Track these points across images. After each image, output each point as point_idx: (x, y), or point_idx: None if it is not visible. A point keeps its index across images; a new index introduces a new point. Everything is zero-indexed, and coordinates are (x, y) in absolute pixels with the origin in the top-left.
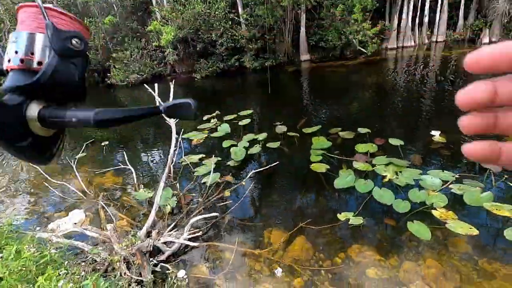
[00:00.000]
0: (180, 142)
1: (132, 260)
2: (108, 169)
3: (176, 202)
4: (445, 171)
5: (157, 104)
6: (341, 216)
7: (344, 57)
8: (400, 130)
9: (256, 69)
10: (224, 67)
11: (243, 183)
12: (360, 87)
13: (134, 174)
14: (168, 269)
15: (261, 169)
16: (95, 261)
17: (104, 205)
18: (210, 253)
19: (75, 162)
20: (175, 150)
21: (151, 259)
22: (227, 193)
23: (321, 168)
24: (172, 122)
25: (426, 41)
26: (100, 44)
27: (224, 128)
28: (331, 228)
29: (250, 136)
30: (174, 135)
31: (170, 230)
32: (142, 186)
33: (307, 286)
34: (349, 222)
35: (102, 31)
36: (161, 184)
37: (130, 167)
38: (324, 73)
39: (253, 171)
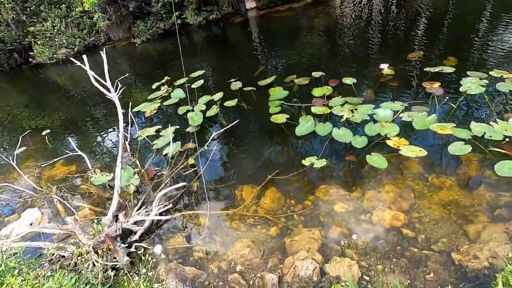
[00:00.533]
0: (131, 116)
1: (103, 248)
2: (56, 159)
3: (139, 179)
4: (395, 101)
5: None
6: (306, 162)
7: (291, 0)
8: (352, 68)
9: (201, 24)
10: (165, 26)
11: (206, 147)
12: (310, 30)
13: (87, 159)
14: (144, 247)
15: (222, 130)
16: (63, 257)
17: (60, 198)
18: (185, 222)
19: (15, 159)
20: (125, 126)
21: (122, 242)
22: (191, 160)
23: (281, 118)
24: (114, 96)
25: None
26: (10, 17)
27: (178, 94)
28: (298, 174)
29: (206, 98)
30: (119, 110)
31: (138, 209)
32: (99, 170)
33: (282, 232)
34: (314, 166)
35: (8, 1)
36: (118, 165)
37: (80, 152)
38: (273, 20)
39: (214, 133)
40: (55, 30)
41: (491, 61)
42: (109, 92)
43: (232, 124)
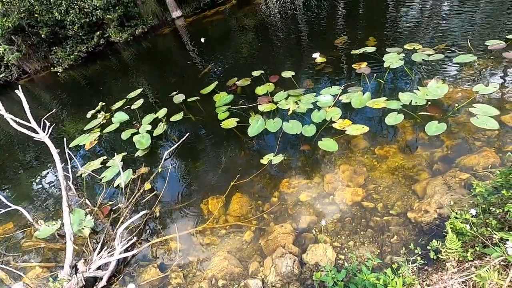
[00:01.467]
0: (69, 153)
1: None
2: None
3: (93, 220)
4: (332, 86)
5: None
6: (264, 160)
7: (217, 3)
8: (287, 61)
9: (128, 41)
10: (89, 49)
11: (160, 169)
12: (241, 31)
13: (25, 212)
14: None
15: (174, 147)
16: None
17: None
18: (154, 251)
19: None
20: (64, 165)
21: None
22: (147, 185)
23: (232, 123)
24: (44, 136)
25: None
26: None
27: (120, 117)
28: (259, 174)
29: (150, 117)
30: (53, 151)
31: (99, 252)
32: (43, 221)
33: (256, 235)
34: (273, 163)
35: None
36: (65, 209)
37: (15, 206)
38: (202, 26)
39: (166, 152)
40: None
41: (403, 36)
42: (37, 133)
43: (183, 138)
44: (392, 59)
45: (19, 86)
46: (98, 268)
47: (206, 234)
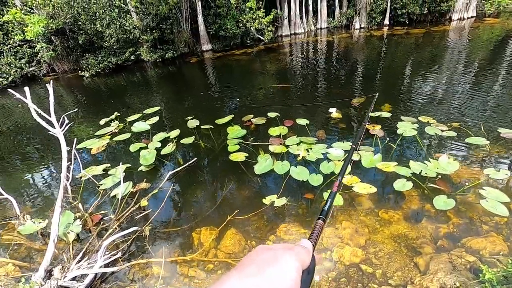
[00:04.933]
0: (75, 154)
1: None
2: None
3: (81, 225)
4: (344, 141)
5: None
6: (266, 200)
7: (245, 45)
8: (304, 110)
9: (157, 61)
10: (118, 61)
11: (158, 189)
12: (263, 73)
13: (15, 204)
14: None
15: (178, 169)
16: None
17: None
18: (135, 272)
19: None
20: (69, 165)
21: None
22: (144, 202)
23: (240, 157)
24: (59, 132)
25: (313, 28)
26: None
27: (140, 127)
28: (258, 213)
29: (161, 135)
30: (64, 148)
31: (79, 261)
32: (29, 216)
33: None
34: (274, 204)
35: None
36: (57, 209)
37: (6, 195)
38: (228, 62)
39: (170, 172)
40: None
41: (418, 107)
42: (53, 127)
43: (189, 162)
44: (406, 127)
45: (50, 81)
46: (74, 278)
47: (192, 265)
